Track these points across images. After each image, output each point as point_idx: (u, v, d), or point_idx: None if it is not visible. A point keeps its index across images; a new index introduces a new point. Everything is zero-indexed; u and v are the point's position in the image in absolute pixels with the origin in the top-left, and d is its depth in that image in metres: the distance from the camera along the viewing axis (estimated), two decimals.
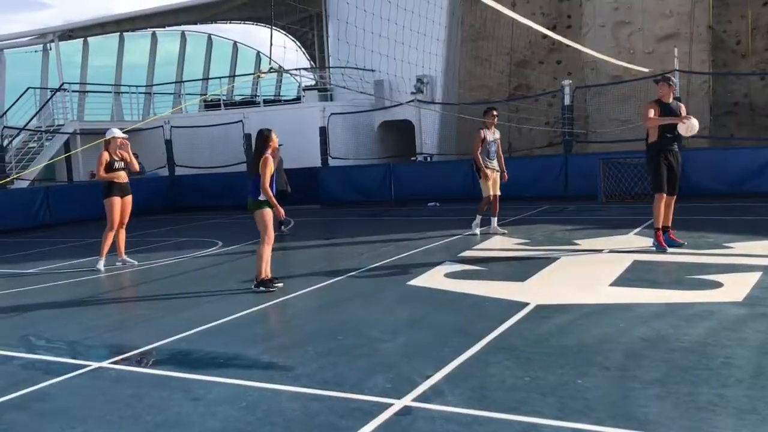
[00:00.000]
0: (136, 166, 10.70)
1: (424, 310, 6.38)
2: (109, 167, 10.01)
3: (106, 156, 10.00)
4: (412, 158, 20.40)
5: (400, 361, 4.85)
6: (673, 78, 8.88)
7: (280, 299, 7.17)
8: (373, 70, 19.71)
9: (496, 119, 11.06)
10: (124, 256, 10.22)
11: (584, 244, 9.62)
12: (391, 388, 4.31)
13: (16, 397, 4.59)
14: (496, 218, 11.13)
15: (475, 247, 9.83)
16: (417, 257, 9.28)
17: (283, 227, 13.01)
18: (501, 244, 10.17)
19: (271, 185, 7.68)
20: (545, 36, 19.47)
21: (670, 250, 8.55)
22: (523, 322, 5.71)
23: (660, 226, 8.69)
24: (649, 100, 8.86)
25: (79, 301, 7.89)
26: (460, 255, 9.23)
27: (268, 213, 7.69)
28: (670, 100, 8.66)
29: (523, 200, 15.36)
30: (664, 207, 8.65)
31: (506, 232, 10.97)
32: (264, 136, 7.76)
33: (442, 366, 4.65)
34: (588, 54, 17.69)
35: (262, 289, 7.58)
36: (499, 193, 11.06)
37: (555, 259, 8.52)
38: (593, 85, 20.36)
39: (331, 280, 8.03)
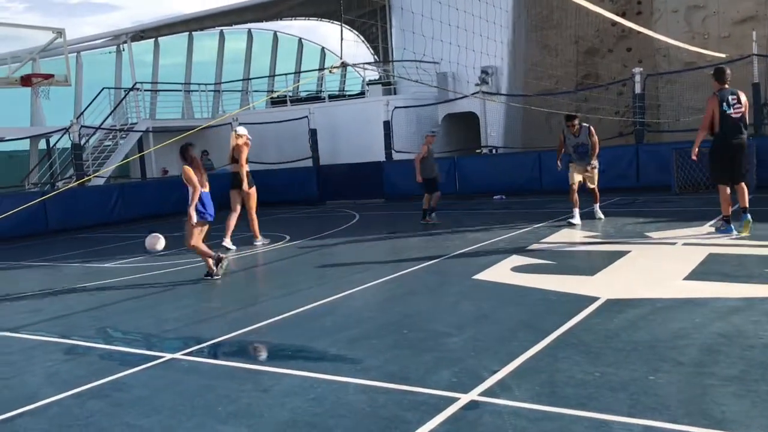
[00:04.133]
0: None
1: (491, 305, 6.32)
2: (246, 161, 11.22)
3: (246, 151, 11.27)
4: (477, 151, 20.23)
5: (466, 356, 4.82)
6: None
7: (346, 293, 7.23)
8: (437, 62, 19.61)
9: (574, 126, 11.26)
10: (228, 240, 11.00)
11: (656, 236, 9.34)
12: (458, 383, 4.29)
13: (95, 386, 4.78)
14: (576, 209, 11.18)
15: (542, 241, 9.68)
16: (483, 251, 9.20)
17: (428, 216, 12.57)
18: (569, 237, 9.98)
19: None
20: (614, 23, 18.98)
21: (748, 242, 8.27)
22: (593, 316, 5.59)
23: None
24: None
25: (152, 294, 8.15)
26: (527, 248, 9.10)
27: None
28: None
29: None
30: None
31: (571, 223, 10.98)
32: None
33: (510, 361, 4.59)
34: (660, 40, 17.15)
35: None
36: (573, 183, 11.30)
37: (626, 252, 8.30)
38: (665, 72, 19.72)
39: (397, 274, 8.05)
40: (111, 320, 7.03)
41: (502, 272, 7.68)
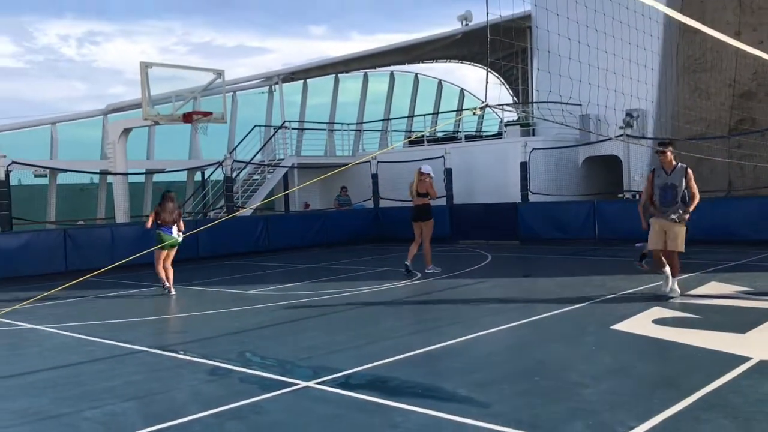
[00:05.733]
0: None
1: (629, 358, 6.05)
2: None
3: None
4: (619, 195, 19.51)
5: (600, 409, 4.64)
6: None
7: (477, 334, 7.17)
8: (579, 104, 19.24)
9: (666, 156, 8.89)
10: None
11: None
12: None
13: (234, 407, 5.02)
14: (670, 278, 8.85)
15: (688, 293, 9.14)
16: (622, 300, 8.83)
17: (643, 262, 11.26)
18: (718, 289, 9.37)
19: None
20: None
21: None
22: (743, 378, 5.20)
23: None
24: None
25: (289, 322, 8.48)
26: (671, 300, 8.63)
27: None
28: None
29: (746, 244, 14.04)
30: None
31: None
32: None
33: (648, 418, 4.36)
34: None
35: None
36: (663, 247, 8.88)
37: None
38: None
39: (530, 319, 7.89)
40: (251, 345, 7.39)
41: (642, 324, 7.33)
